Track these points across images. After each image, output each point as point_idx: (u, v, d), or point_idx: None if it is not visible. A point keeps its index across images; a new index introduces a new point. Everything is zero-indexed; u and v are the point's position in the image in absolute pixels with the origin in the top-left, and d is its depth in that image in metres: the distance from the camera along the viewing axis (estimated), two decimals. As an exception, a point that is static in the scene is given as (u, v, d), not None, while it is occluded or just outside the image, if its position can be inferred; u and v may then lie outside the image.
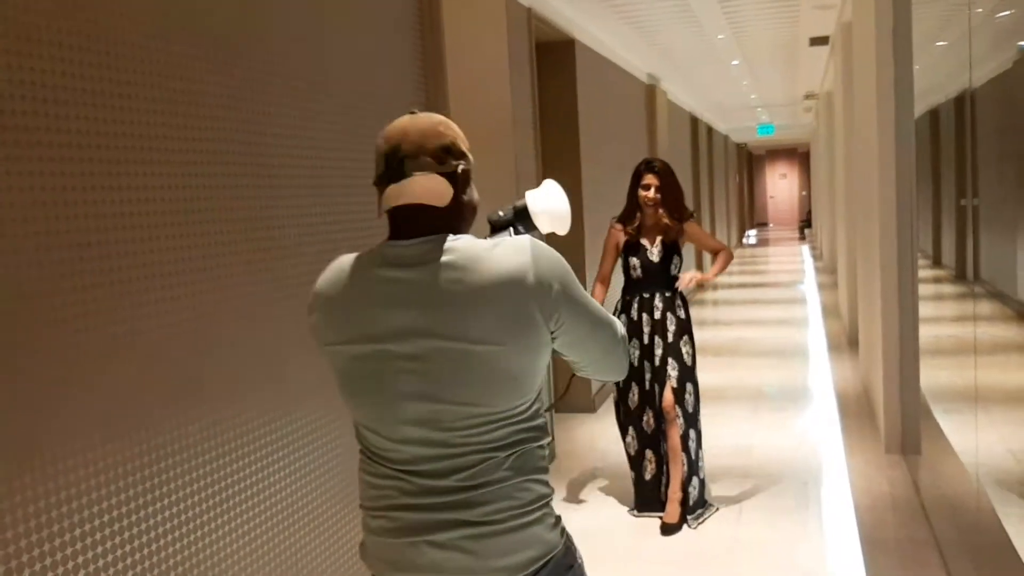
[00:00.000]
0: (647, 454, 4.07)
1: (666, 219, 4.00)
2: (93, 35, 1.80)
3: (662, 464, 4.06)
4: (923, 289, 4.99)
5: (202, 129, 2.13)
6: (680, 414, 3.92)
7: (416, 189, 1.38)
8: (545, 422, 1.47)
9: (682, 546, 3.74)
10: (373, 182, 1.43)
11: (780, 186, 31.92)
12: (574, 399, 6.02)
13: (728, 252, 4.15)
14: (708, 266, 13.45)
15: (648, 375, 4.01)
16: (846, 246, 8.36)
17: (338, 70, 2.79)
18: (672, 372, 3.94)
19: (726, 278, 14.70)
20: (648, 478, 4.08)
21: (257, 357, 2.31)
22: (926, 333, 4.86)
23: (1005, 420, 4.90)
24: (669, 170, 4.07)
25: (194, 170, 2.09)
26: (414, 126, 1.42)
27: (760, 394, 6.39)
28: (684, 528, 3.89)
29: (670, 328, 3.98)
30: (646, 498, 4.10)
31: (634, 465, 4.12)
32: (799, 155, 30.26)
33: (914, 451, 4.67)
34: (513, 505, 1.38)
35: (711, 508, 4.06)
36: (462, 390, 1.35)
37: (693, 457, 3.96)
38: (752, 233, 26.75)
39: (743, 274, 15.53)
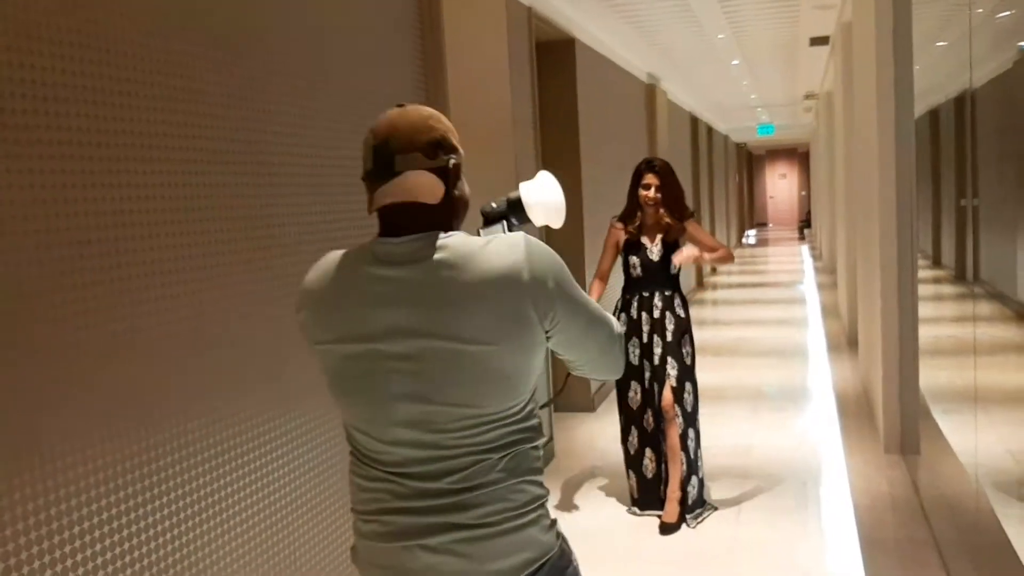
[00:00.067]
0: (647, 453, 4.07)
1: (667, 218, 4.01)
2: (92, 33, 1.80)
3: (661, 463, 4.07)
4: (923, 289, 4.98)
5: (202, 127, 2.13)
6: (679, 413, 3.92)
7: (407, 186, 1.35)
8: (539, 422, 1.44)
9: (681, 546, 3.74)
10: (361, 177, 1.40)
11: (780, 186, 31.93)
12: (573, 398, 6.02)
13: (729, 251, 4.15)
14: (708, 266, 13.34)
15: (647, 374, 4.01)
16: (846, 246, 8.36)
17: (338, 69, 2.79)
18: (671, 371, 3.94)
19: (725, 277, 14.71)
20: (649, 477, 4.08)
21: (257, 355, 2.31)
22: (925, 333, 4.86)
23: (1004, 420, 4.91)
24: (669, 169, 4.07)
25: (194, 168, 2.09)
26: (403, 120, 1.38)
27: (759, 394, 6.39)
28: (683, 528, 3.89)
29: (669, 327, 3.98)
30: (647, 496, 4.10)
31: (633, 464, 4.12)
32: (799, 155, 30.27)
33: (913, 451, 4.67)
34: (507, 507, 1.35)
35: (710, 508, 4.07)
36: (454, 391, 1.32)
37: (692, 456, 3.97)
38: (752, 233, 26.74)
39: (743, 274, 15.53)
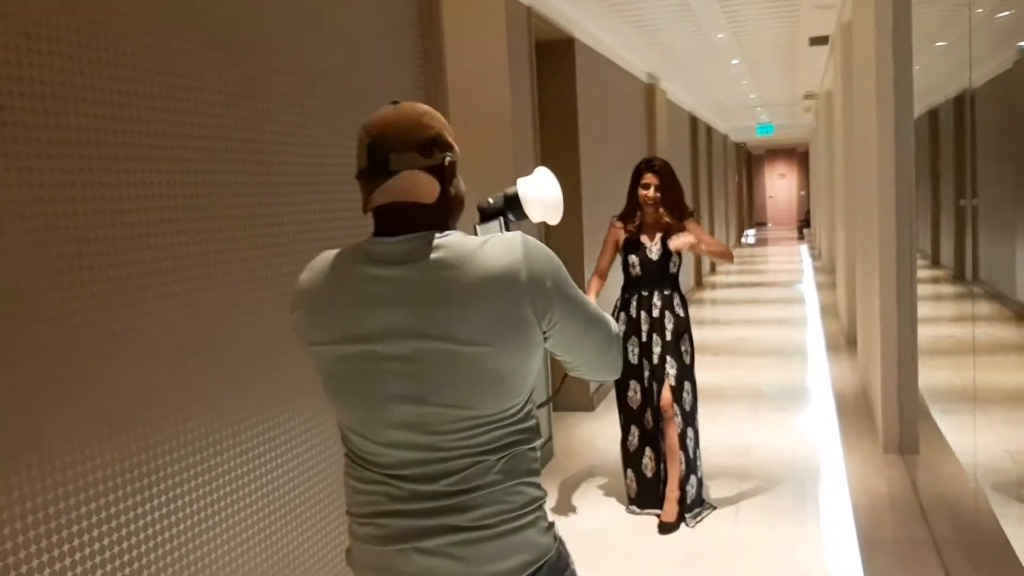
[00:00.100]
0: (647, 452, 4.07)
1: (666, 218, 4.01)
2: (92, 32, 1.80)
3: (661, 462, 4.07)
4: (922, 289, 4.98)
5: (201, 126, 2.13)
6: (678, 412, 3.92)
7: (403, 186, 1.33)
8: (537, 424, 1.43)
9: (681, 545, 3.74)
10: (356, 175, 1.37)
11: (779, 186, 31.93)
12: (572, 398, 6.02)
13: (728, 250, 4.15)
14: (707, 266, 13.32)
15: (647, 373, 4.01)
16: (845, 246, 8.36)
17: (338, 68, 2.79)
18: (670, 370, 3.94)
19: (725, 277, 14.71)
20: (649, 476, 4.08)
21: (255, 354, 2.31)
22: (924, 333, 4.86)
23: (1003, 420, 4.90)
24: (669, 169, 4.07)
25: (193, 167, 2.09)
26: (398, 118, 1.35)
27: (759, 393, 6.40)
28: (682, 527, 3.89)
29: (668, 326, 3.98)
30: (646, 495, 4.10)
31: (632, 463, 4.12)
32: (798, 155, 30.28)
33: (912, 451, 4.67)
34: (505, 509, 1.34)
35: (709, 507, 4.07)
36: (451, 392, 1.30)
37: (691, 456, 3.97)
38: (751, 233, 26.76)
39: (742, 274, 15.53)
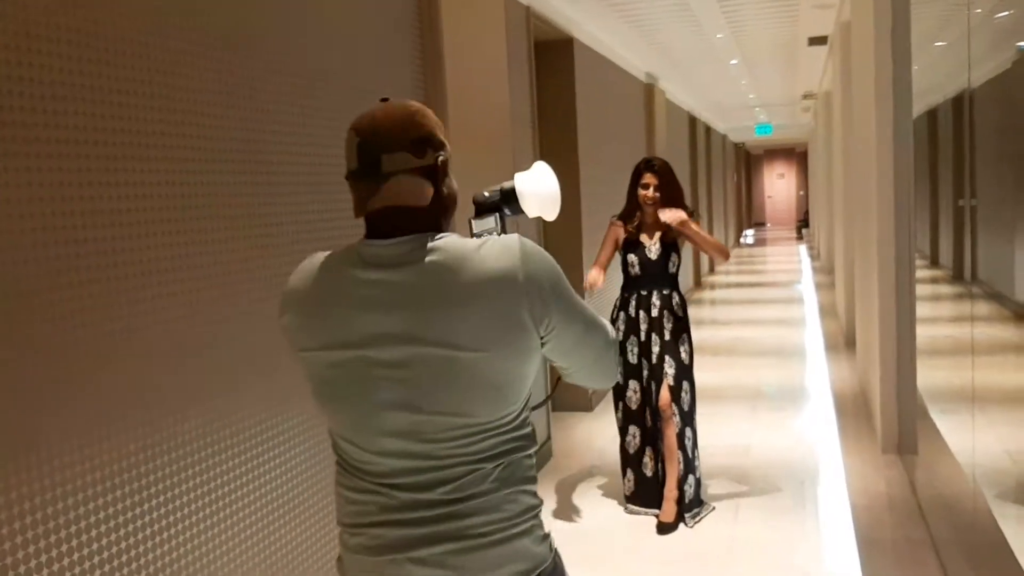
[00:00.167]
0: (647, 451, 4.07)
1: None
2: (91, 32, 1.80)
3: (660, 462, 4.07)
4: (920, 289, 4.99)
5: (200, 126, 2.13)
6: (676, 412, 3.92)
7: (397, 191, 1.30)
8: (533, 430, 1.40)
9: (680, 545, 3.74)
10: (345, 176, 1.33)
11: (778, 186, 31.95)
12: (571, 398, 6.03)
13: (726, 249, 4.15)
14: (707, 265, 13.29)
15: (645, 372, 4.01)
16: (844, 246, 8.36)
17: (337, 68, 2.79)
18: (669, 370, 3.94)
19: (724, 277, 14.71)
20: (648, 475, 4.08)
21: (254, 354, 2.31)
22: (923, 333, 4.86)
23: (1002, 421, 4.90)
24: (668, 169, 4.07)
25: (192, 167, 2.09)
26: (388, 117, 1.31)
27: (758, 394, 6.40)
28: (681, 527, 3.89)
29: (667, 326, 3.98)
30: (645, 495, 4.10)
31: (632, 463, 4.12)
32: (797, 155, 30.28)
33: (911, 451, 4.67)
34: (501, 517, 1.30)
35: (707, 507, 4.07)
36: (445, 399, 1.26)
37: (689, 456, 3.97)
38: (750, 233, 26.77)
39: (741, 274, 15.53)
